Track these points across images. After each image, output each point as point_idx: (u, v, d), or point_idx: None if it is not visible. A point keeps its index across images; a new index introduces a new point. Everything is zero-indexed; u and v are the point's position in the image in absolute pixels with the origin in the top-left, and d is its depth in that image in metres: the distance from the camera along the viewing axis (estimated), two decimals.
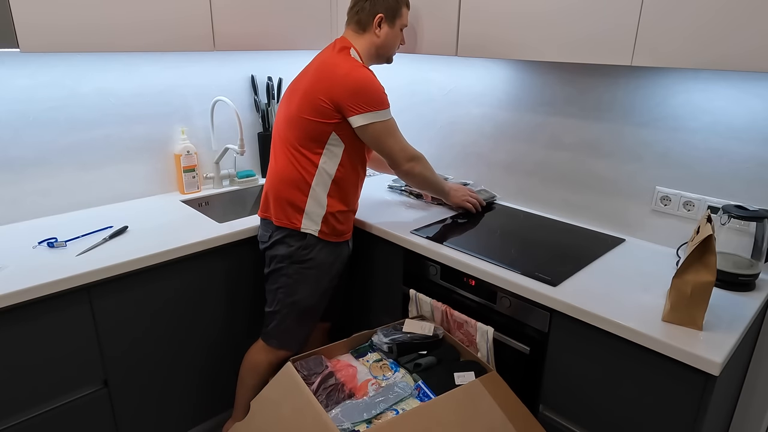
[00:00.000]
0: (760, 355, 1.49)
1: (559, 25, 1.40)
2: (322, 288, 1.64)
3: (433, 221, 1.79)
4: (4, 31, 1.33)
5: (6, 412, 1.37)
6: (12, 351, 1.34)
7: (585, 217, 1.80)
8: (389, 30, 1.59)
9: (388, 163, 1.59)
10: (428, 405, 1.20)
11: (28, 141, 1.71)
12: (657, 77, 1.54)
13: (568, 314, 1.28)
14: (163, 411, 1.71)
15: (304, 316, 1.65)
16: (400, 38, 1.64)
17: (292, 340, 1.68)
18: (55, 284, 1.35)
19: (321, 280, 1.63)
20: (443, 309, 1.55)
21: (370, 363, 1.42)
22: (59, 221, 1.75)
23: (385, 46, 1.61)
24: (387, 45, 1.61)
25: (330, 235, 1.60)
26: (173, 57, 1.98)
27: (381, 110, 1.50)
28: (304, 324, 1.67)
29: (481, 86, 2.00)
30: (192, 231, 1.67)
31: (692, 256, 1.13)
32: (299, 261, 1.59)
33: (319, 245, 1.60)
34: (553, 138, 1.82)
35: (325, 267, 1.62)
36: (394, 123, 1.55)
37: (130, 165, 1.96)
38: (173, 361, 1.69)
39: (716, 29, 1.14)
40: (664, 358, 1.14)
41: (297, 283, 1.61)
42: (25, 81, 1.67)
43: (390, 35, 1.60)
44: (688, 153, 1.52)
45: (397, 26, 1.60)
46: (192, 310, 1.68)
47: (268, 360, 1.69)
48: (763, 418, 1.52)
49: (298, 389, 1.26)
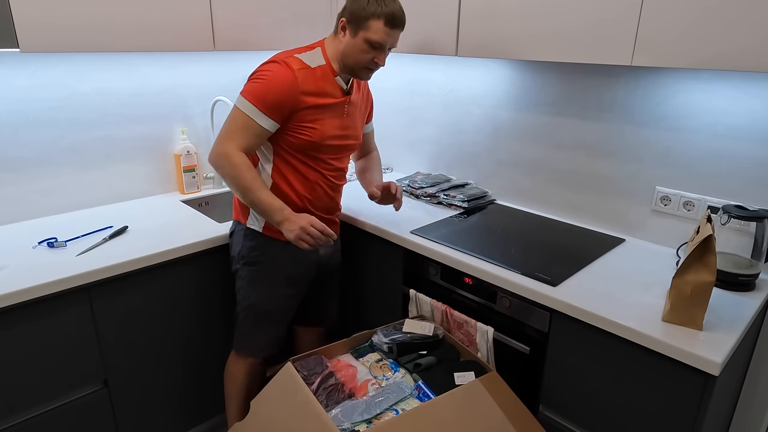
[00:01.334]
0: (760, 355, 1.49)
1: (560, 26, 1.40)
2: (280, 293, 1.58)
3: (433, 221, 1.79)
4: (4, 31, 1.33)
5: (6, 412, 1.37)
6: (12, 351, 1.34)
7: (585, 217, 1.80)
8: (350, 39, 1.43)
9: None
10: (428, 405, 1.20)
11: (28, 141, 1.71)
12: (657, 77, 1.54)
13: (568, 314, 1.28)
14: (163, 411, 1.71)
15: (261, 321, 1.59)
16: (369, 54, 1.43)
17: (251, 345, 1.62)
18: (55, 284, 1.35)
19: (277, 284, 1.57)
20: (443, 309, 1.55)
21: (370, 363, 1.42)
22: (59, 221, 1.75)
23: (346, 55, 1.45)
24: (347, 54, 1.45)
25: (278, 232, 1.50)
26: (173, 57, 1.98)
27: (246, 99, 1.38)
28: (262, 329, 1.60)
29: (481, 86, 2.00)
30: (192, 231, 1.67)
31: (692, 256, 1.13)
32: (251, 263, 1.56)
33: (272, 247, 1.54)
34: (553, 138, 1.82)
35: (279, 270, 1.56)
36: (244, 119, 1.38)
37: (130, 165, 1.96)
38: (173, 361, 1.69)
39: (716, 29, 1.14)
40: (664, 358, 1.14)
41: (250, 285, 1.57)
42: (25, 81, 1.67)
43: (350, 45, 1.43)
44: (689, 153, 1.52)
45: (359, 37, 1.41)
46: (192, 310, 1.68)
47: (240, 369, 1.66)
48: (763, 418, 1.52)
49: (298, 389, 1.26)
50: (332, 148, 1.53)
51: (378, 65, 1.46)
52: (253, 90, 1.39)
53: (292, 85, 1.40)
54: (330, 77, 1.48)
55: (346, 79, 1.52)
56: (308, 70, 1.44)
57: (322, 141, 1.48)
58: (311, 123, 1.45)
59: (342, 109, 1.53)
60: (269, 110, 1.39)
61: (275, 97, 1.38)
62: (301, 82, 1.41)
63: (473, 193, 1.97)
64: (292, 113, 1.43)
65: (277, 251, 1.55)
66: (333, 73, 1.48)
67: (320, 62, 1.47)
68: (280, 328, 1.64)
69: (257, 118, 1.39)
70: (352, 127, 1.58)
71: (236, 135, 1.40)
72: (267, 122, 1.40)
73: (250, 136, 1.40)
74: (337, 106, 1.51)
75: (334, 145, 1.52)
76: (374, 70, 1.49)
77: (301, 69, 1.42)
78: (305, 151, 1.48)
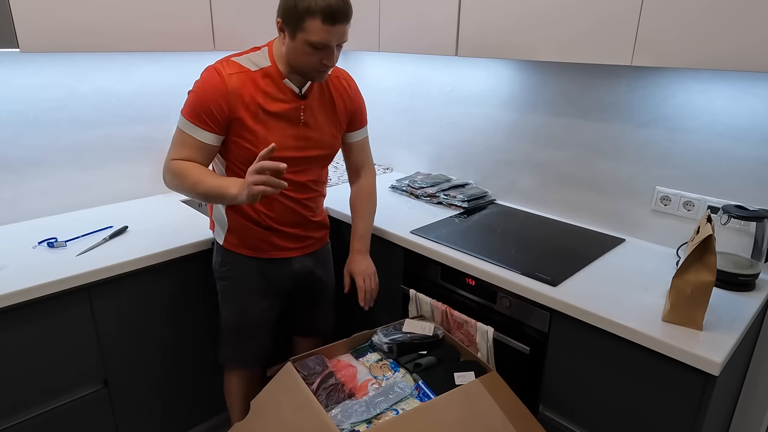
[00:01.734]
0: (760, 355, 1.49)
1: (559, 25, 1.39)
2: (253, 307, 1.52)
3: (433, 221, 1.79)
4: (4, 31, 1.33)
5: (6, 411, 1.37)
6: (12, 351, 1.34)
7: (585, 217, 1.80)
8: (290, 42, 1.26)
9: None
10: (428, 405, 1.20)
11: (28, 141, 1.71)
12: (657, 77, 1.54)
13: (568, 314, 1.28)
14: (163, 411, 1.71)
15: (238, 335, 1.55)
16: (313, 56, 1.26)
17: (233, 358, 1.59)
18: (55, 284, 1.35)
19: (247, 299, 1.52)
20: (443, 309, 1.55)
21: (370, 363, 1.42)
22: (59, 221, 1.75)
23: (290, 58, 1.30)
24: (291, 57, 1.30)
25: (239, 246, 1.47)
26: (173, 57, 1.98)
27: (181, 116, 1.32)
28: (241, 342, 1.56)
29: (481, 86, 2.00)
30: (192, 231, 1.67)
31: (692, 256, 1.13)
32: (221, 278, 1.54)
33: (238, 261, 1.49)
34: (553, 138, 1.82)
35: (248, 285, 1.51)
36: (179, 134, 1.32)
37: (130, 165, 1.96)
38: (173, 360, 1.69)
39: (716, 29, 1.14)
40: (664, 358, 1.14)
41: (223, 301, 1.55)
42: (25, 81, 1.67)
43: (291, 48, 1.27)
44: (689, 153, 1.52)
45: (299, 40, 1.24)
46: (192, 310, 1.68)
47: (233, 381, 1.64)
48: (763, 418, 1.52)
49: (298, 389, 1.26)
50: (285, 161, 1.37)
51: (328, 66, 1.30)
52: (186, 103, 1.32)
53: (219, 93, 1.28)
54: (277, 80, 1.34)
55: (299, 81, 1.36)
56: (245, 74, 1.31)
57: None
58: (252, 132, 1.32)
59: (296, 116, 1.37)
60: (201, 122, 1.29)
61: (204, 107, 1.28)
62: (234, 88, 1.29)
63: (473, 193, 1.97)
64: (231, 122, 1.31)
65: (243, 266, 1.50)
66: (280, 76, 1.34)
67: (265, 64, 1.34)
68: (262, 340, 1.58)
69: (191, 131, 1.30)
70: (315, 136, 1.42)
71: (174, 150, 1.33)
72: (202, 134, 1.30)
73: (189, 150, 1.32)
74: (289, 113, 1.36)
75: (286, 158, 1.38)
76: (327, 71, 1.33)
77: (233, 74, 1.30)
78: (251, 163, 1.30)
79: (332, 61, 1.29)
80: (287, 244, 1.52)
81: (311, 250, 1.59)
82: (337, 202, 1.96)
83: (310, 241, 1.57)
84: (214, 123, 1.30)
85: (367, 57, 2.44)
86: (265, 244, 1.49)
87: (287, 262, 1.54)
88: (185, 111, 1.32)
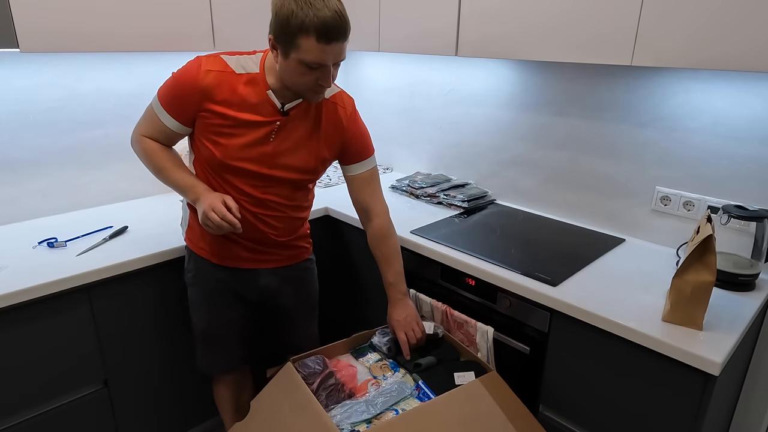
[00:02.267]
0: (760, 355, 1.49)
1: (559, 25, 1.39)
2: (220, 314, 1.46)
3: (433, 221, 1.79)
4: (4, 31, 1.33)
5: (6, 411, 1.37)
6: (12, 351, 1.34)
7: (585, 217, 1.80)
8: (283, 61, 1.18)
9: None
10: (428, 405, 1.20)
11: (28, 141, 1.71)
12: (657, 77, 1.54)
13: (568, 314, 1.28)
14: (163, 411, 1.71)
15: (208, 342, 1.50)
16: (308, 75, 1.18)
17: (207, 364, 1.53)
18: (55, 284, 1.35)
19: (213, 305, 1.45)
20: (443, 309, 1.55)
21: (370, 363, 1.42)
22: (59, 221, 1.75)
23: (284, 78, 1.22)
24: (284, 77, 1.22)
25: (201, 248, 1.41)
26: (173, 57, 1.98)
27: (156, 95, 1.30)
28: (212, 350, 1.50)
29: (481, 86, 2.00)
30: None
31: (692, 256, 1.13)
32: (188, 283, 1.48)
33: (203, 265, 1.43)
34: (553, 138, 1.82)
35: (213, 291, 1.44)
36: (150, 112, 1.32)
37: (130, 165, 1.96)
38: (173, 360, 1.69)
39: (716, 29, 1.14)
40: (664, 358, 1.14)
41: (192, 305, 1.50)
42: (25, 81, 1.67)
43: (284, 67, 1.19)
44: (688, 153, 1.52)
45: (292, 60, 1.16)
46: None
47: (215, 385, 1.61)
48: (763, 418, 1.52)
49: (298, 389, 1.26)
50: (245, 173, 1.30)
51: (323, 87, 1.22)
52: (163, 84, 1.29)
53: (192, 85, 1.23)
54: (260, 90, 1.25)
55: (289, 97, 1.27)
56: (227, 74, 1.24)
57: (226, 160, 1.27)
58: (216, 135, 1.26)
59: (268, 131, 1.28)
60: (169, 107, 1.27)
61: (174, 94, 1.26)
62: (208, 85, 1.23)
63: (473, 193, 1.97)
64: (195, 117, 1.27)
65: (209, 274, 1.43)
66: (265, 86, 1.26)
67: (253, 70, 1.26)
68: (231, 348, 1.51)
69: (158, 113, 1.29)
70: (284, 157, 1.31)
71: (144, 123, 1.34)
72: (168, 120, 1.28)
73: (154, 129, 1.32)
74: (261, 126, 1.27)
75: (246, 170, 1.29)
76: (322, 92, 1.25)
77: (214, 71, 1.24)
78: (212, 166, 1.30)
79: (328, 82, 1.21)
80: (247, 254, 1.42)
81: (278, 265, 1.46)
82: (337, 201, 1.96)
83: (276, 256, 1.45)
84: (181, 112, 1.27)
85: (367, 57, 2.44)
86: (224, 251, 1.40)
87: (253, 274, 1.44)
88: (160, 92, 1.30)
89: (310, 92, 1.23)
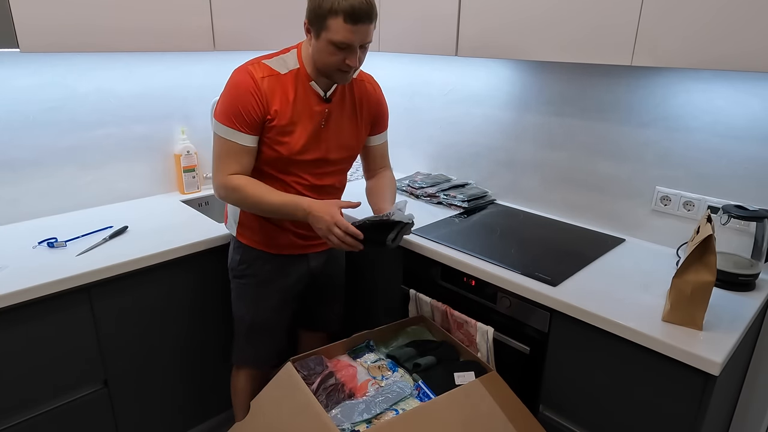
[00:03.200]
0: (760, 355, 1.49)
1: (560, 25, 1.40)
2: (269, 306, 1.55)
3: (433, 221, 1.79)
4: (4, 31, 1.33)
5: (7, 411, 1.37)
6: (12, 351, 1.34)
7: (585, 217, 1.80)
8: (316, 42, 1.29)
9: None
10: (428, 405, 1.20)
11: (28, 141, 1.71)
12: (657, 77, 1.54)
13: (568, 314, 1.28)
14: (163, 411, 1.71)
15: (254, 334, 1.57)
16: (336, 55, 1.28)
17: (248, 357, 1.61)
18: (55, 284, 1.35)
19: (265, 298, 1.54)
20: (443, 309, 1.55)
21: (368, 364, 1.42)
22: (59, 221, 1.75)
23: (316, 59, 1.32)
24: (316, 58, 1.32)
25: (255, 241, 1.49)
26: (173, 57, 1.98)
27: (218, 122, 1.33)
28: (257, 341, 1.58)
29: (481, 86, 2.00)
30: (192, 231, 1.67)
31: (692, 256, 1.13)
32: (238, 276, 1.54)
33: (258, 260, 1.50)
34: (553, 138, 1.82)
35: (266, 284, 1.53)
36: (223, 143, 1.33)
37: (130, 165, 1.96)
38: (173, 360, 1.69)
39: (716, 29, 1.14)
40: (664, 358, 1.14)
41: (239, 299, 1.56)
42: (25, 81, 1.67)
43: (316, 48, 1.30)
44: (688, 153, 1.52)
45: (323, 39, 1.26)
46: (192, 310, 1.68)
47: (243, 381, 1.64)
48: (763, 418, 1.52)
49: (298, 389, 1.26)
50: (306, 164, 1.41)
51: (351, 67, 1.30)
52: (223, 110, 1.32)
53: (253, 94, 1.30)
54: (304, 82, 1.36)
55: (325, 84, 1.39)
56: (276, 77, 1.33)
57: (292, 156, 1.37)
58: (279, 135, 1.35)
59: (318, 119, 1.39)
60: (240, 125, 1.31)
61: (242, 109, 1.30)
62: (266, 91, 1.31)
63: (473, 193, 1.97)
64: (263, 123, 1.34)
65: (263, 264, 1.51)
66: (307, 78, 1.36)
67: (293, 66, 1.36)
68: (277, 339, 1.61)
69: (233, 137, 1.32)
70: (335, 140, 1.43)
71: (224, 162, 1.34)
72: (246, 138, 1.33)
73: (238, 158, 1.34)
74: (313, 116, 1.38)
75: (308, 161, 1.40)
76: (350, 72, 1.33)
77: (266, 77, 1.32)
78: (276, 165, 1.39)
79: (355, 62, 1.30)
80: (300, 241, 1.53)
81: (324, 249, 1.60)
82: None
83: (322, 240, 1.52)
84: (252, 124, 1.32)
85: (367, 57, 2.44)
86: (278, 240, 1.50)
87: (304, 259, 1.56)
88: (222, 117, 1.32)
89: (339, 73, 1.32)
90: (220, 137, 1.34)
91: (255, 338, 1.58)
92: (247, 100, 1.30)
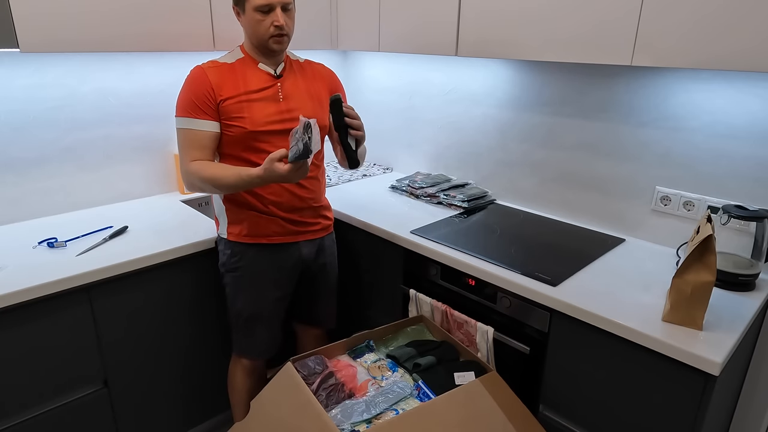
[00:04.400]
0: (760, 355, 1.49)
1: (560, 25, 1.39)
2: (265, 295, 1.58)
3: (433, 221, 1.79)
4: (4, 31, 1.33)
5: (6, 411, 1.37)
6: (12, 351, 1.34)
7: (585, 217, 1.80)
8: (244, 18, 1.43)
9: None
10: (428, 405, 1.20)
11: (29, 141, 1.71)
12: (657, 77, 1.54)
13: (568, 314, 1.28)
14: (163, 411, 1.71)
15: (251, 324, 1.60)
16: (265, 21, 1.40)
17: (247, 346, 1.64)
18: (55, 284, 1.35)
19: (260, 288, 1.57)
20: (443, 309, 1.55)
21: (368, 364, 1.42)
22: (59, 221, 1.75)
23: (250, 36, 1.45)
24: (250, 32, 1.44)
25: (245, 236, 1.53)
26: (173, 57, 1.98)
27: (176, 117, 1.44)
28: (255, 331, 1.62)
29: (480, 86, 2.00)
30: (192, 231, 1.68)
31: (692, 256, 1.13)
32: (232, 269, 1.57)
33: (250, 251, 1.54)
34: (553, 138, 1.82)
35: (260, 273, 1.56)
36: (184, 134, 1.43)
37: (130, 165, 1.96)
38: (174, 360, 1.69)
39: (716, 29, 1.14)
40: (664, 358, 1.14)
41: (235, 292, 1.59)
42: (25, 81, 1.67)
43: (246, 23, 1.43)
44: (688, 153, 1.52)
45: (248, 11, 1.40)
46: (192, 310, 1.68)
47: (240, 373, 1.67)
48: (763, 418, 1.52)
49: (298, 389, 1.26)
50: (272, 134, 1.48)
51: (280, 29, 1.41)
52: (179, 105, 1.43)
53: (203, 82, 1.42)
54: (251, 66, 1.48)
55: (273, 63, 1.50)
56: (223, 66, 1.45)
57: (256, 128, 1.45)
58: (238, 113, 1.44)
59: (275, 95, 1.49)
60: (197, 112, 1.41)
61: (195, 98, 1.41)
62: (213, 77, 1.42)
63: (473, 193, 1.97)
64: (218, 108, 1.43)
65: (256, 255, 1.55)
66: (254, 62, 1.49)
67: (239, 56, 1.49)
68: (273, 328, 1.64)
69: (192, 125, 1.42)
70: (296, 106, 1.52)
71: (185, 152, 1.44)
72: (204, 124, 1.42)
73: (197, 144, 1.43)
74: (268, 89, 1.48)
75: (273, 131, 1.48)
76: (282, 37, 1.43)
77: (212, 67, 1.45)
78: (244, 143, 1.46)
79: (280, 21, 1.40)
80: (290, 227, 1.56)
81: (317, 236, 1.64)
82: (337, 201, 1.96)
83: (313, 227, 1.63)
84: (208, 110, 1.42)
85: (367, 57, 2.44)
86: (268, 228, 1.54)
87: (296, 247, 1.59)
88: (179, 111, 1.44)
89: (272, 40, 1.43)
90: (179, 130, 1.44)
91: (253, 329, 1.61)
92: (198, 88, 1.42)
